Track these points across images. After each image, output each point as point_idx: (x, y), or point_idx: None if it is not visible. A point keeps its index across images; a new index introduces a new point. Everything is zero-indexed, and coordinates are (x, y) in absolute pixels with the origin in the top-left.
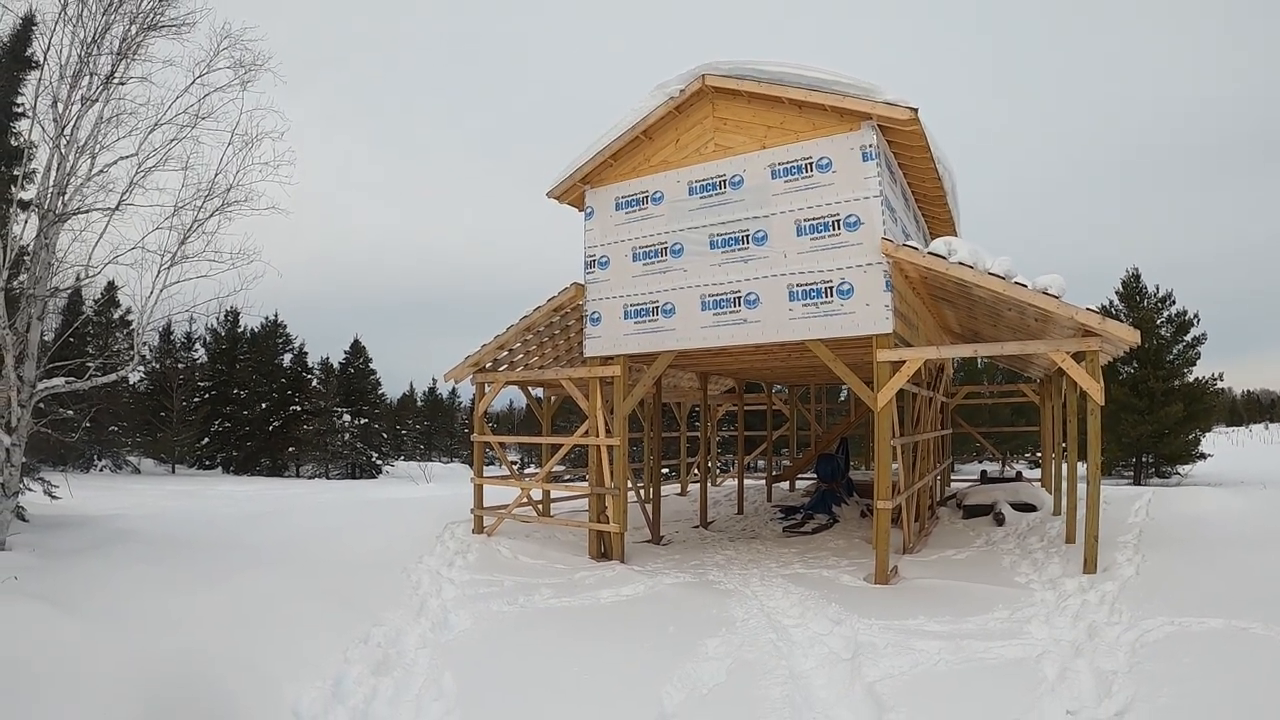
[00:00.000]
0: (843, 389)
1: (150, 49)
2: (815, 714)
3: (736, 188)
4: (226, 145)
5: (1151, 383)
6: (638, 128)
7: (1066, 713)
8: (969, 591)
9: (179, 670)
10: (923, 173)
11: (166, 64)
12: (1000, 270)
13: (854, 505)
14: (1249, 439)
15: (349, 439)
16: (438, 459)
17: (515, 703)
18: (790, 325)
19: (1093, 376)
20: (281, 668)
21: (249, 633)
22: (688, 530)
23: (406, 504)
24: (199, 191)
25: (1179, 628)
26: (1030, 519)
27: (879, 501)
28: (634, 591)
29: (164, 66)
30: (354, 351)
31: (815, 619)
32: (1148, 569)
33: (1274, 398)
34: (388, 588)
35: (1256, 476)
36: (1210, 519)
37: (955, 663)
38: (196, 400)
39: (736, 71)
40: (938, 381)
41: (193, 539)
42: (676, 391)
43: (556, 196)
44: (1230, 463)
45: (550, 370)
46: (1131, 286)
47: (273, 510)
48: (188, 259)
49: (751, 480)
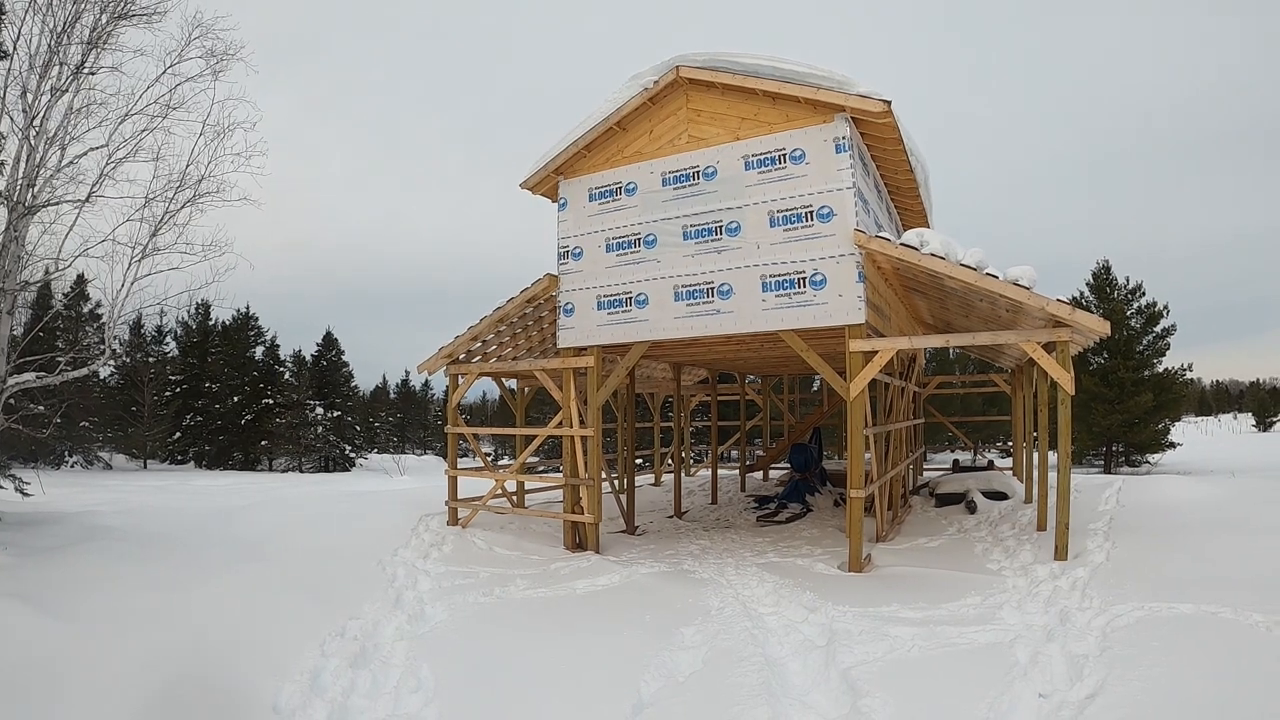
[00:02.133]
0: (815, 379)
1: (121, 38)
2: (791, 700)
3: (710, 179)
4: (198, 136)
5: (1121, 373)
6: (611, 119)
7: (1039, 696)
8: (942, 578)
9: (159, 669)
10: (895, 165)
11: (137, 54)
12: (972, 261)
13: (827, 494)
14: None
15: (322, 432)
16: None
17: (493, 693)
18: (763, 316)
19: (1063, 367)
20: (260, 663)
21: (227, 629)
22: (662, 520)
23: (381, 497)
24: (170, 183)
25: (1149, 612)
26: (1002, 507)
27: (852, 490)
28: (610, 582)
29: (135, 56)
30: (326, 343)
31: (790, 607)
32: (1118, 555)
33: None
34: (363, 581)
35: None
36: (1180, 507)
37: (929, 648)
38: (167, 395)
39: (710, 63)
40: (910, 371)
41: (168, 535)
42: (650, 382)
43: (530, 187)
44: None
45: (524, 361)
46: (1102, 278)
47: (247, 505)
48: (159, 251)
49: (725, 470)
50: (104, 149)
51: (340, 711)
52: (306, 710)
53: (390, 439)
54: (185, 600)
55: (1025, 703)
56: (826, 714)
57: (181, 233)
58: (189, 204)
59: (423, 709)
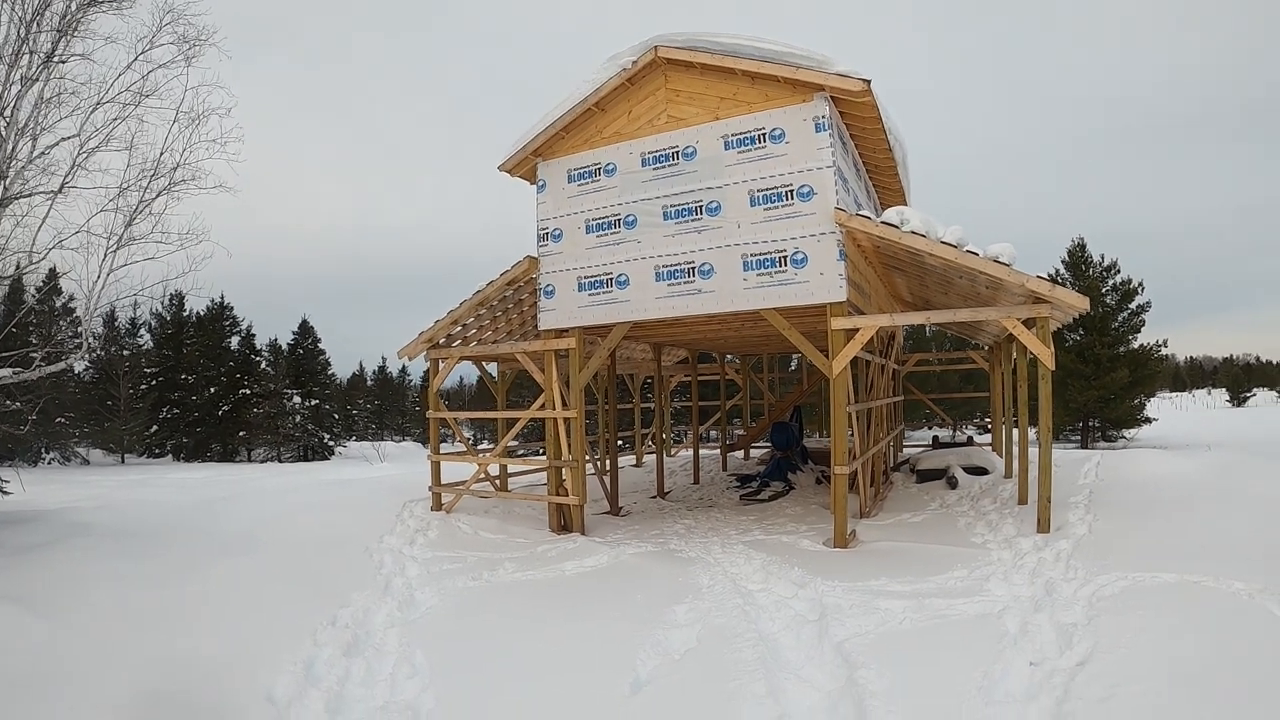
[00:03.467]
0: (794, 358)
1: (91, 25)
2: (787, 674)
3: (690, 159)
4: (171, 123)
5: (1098, 349)
6: (590, 100)
7: (1030, 664)
8: (927, 552)
9: (151, 666)
10: (874, 144)
11: (108, 41)
12: (952, 239)
13: (809, 472)
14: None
15: (300, 421)
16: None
17: (490, 677)
18: (745, 295)
19: (1043, 342)
20: (253, 655)
21: (217, 622)
22: (646, 501)
23: (363, 484)
24: (144, 171)
25: (1133, 582)
26: (983, 482)
27: (836, 467)
28: (598, 563)
29: (106, 43)
30: (302, 332)
31: (779, 583)
32: (1100, 528)
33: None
34: (351, 569)
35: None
36: (1157, 480)
37: (920, 620)
38: (144, 387)
39: (689, 43)
40: (889, 349)
41: (151, 529)
42: (630, 363)
43: (508, 170)
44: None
45: (505, 344)
46: (1077, 255)
47: (228, 496)
48: (134, 241)
49: (706, 450)
50: (76, 138)
51: (336, 700)
52: (303, 700)
53: (369, 426)
54: (173, 595)
55: (1017, 671)
56: (823, 687)
57: (157, 222)
58: (164, 192)
59: (420, 695)
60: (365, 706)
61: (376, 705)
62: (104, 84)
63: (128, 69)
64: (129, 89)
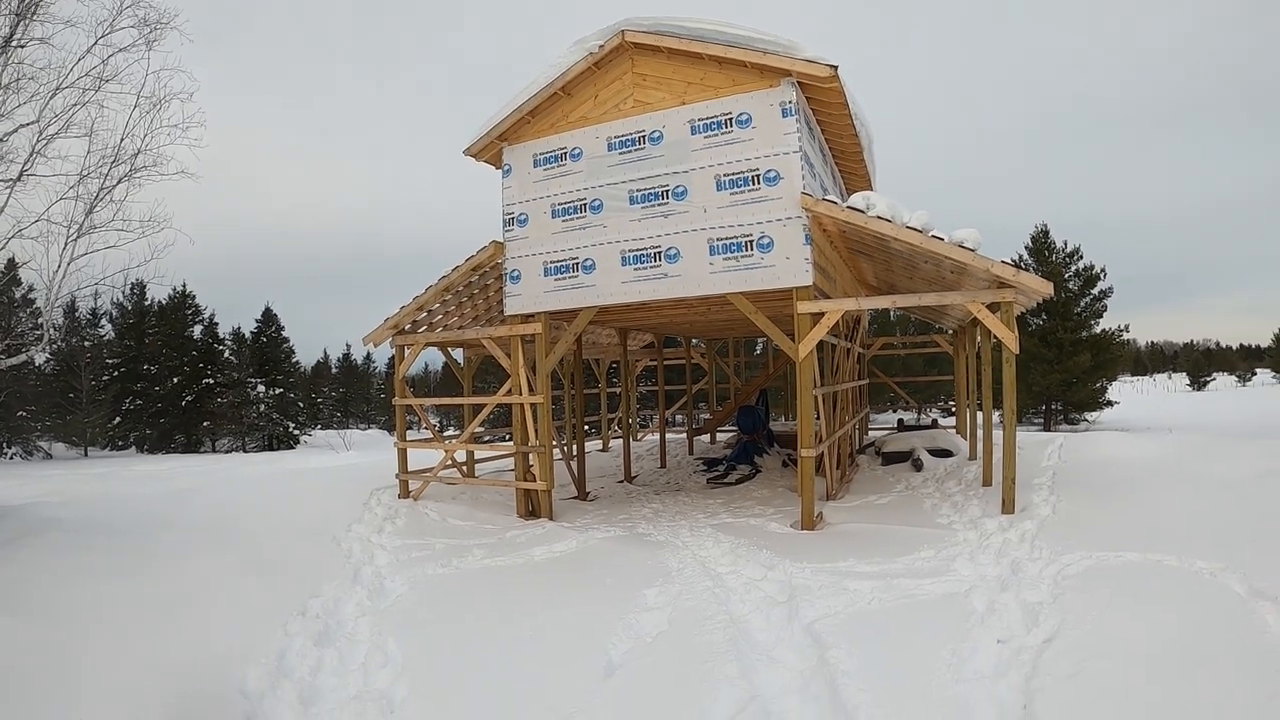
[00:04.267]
0: (759, 342)
1: (51, 9)
2: (759, 655)
3: (656, 143)
4: (132, 108)
5: (1060, 334)
6: (556, 84)
7: (998, 642)
8: (894, 534)
9: (123, 660)
10: (841, 129)
11: (68, 25)
12: (918, 224)
13: (775, 455)
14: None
15: (264, 410)
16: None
17: (463, 663)
18: (711, 279)
19: (1008, 326)
20: (224, 647)
21: (187, 615)
22: (613, 485)
23: (329, 473)
24: (105, 158)
25: (1097, 561)
26: (947, 464)
27: (803, 450)
28: (567, 548)
29: (65, 27)
30: (266, 320)
31: (748, 565)
32: (1063, 508)
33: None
34: (320, 558)
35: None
36: (1119, 461)
37: (888, 600)
38: (105, 379)
39: (657, 27)
40: (855, 333)
41: (118, 523)
42: (596, 348)
43: (474, 155)
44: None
45: (471, 330)
46: (1041, 241)
47: (194, 488)
48: (96, 229)
49: (673, 434)
50: (35, 125)
51: (310, 691)
52: (276, 692)
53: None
54: (143, 590)
55: (985, 649)
56: (795, 667)
57: (118, 209)
58: (125, 179)
59: (393, 683)
60: (338, 696)
61: (350, 695)
62: (64, 69)
63: (88, 53)
64: (89, 74)
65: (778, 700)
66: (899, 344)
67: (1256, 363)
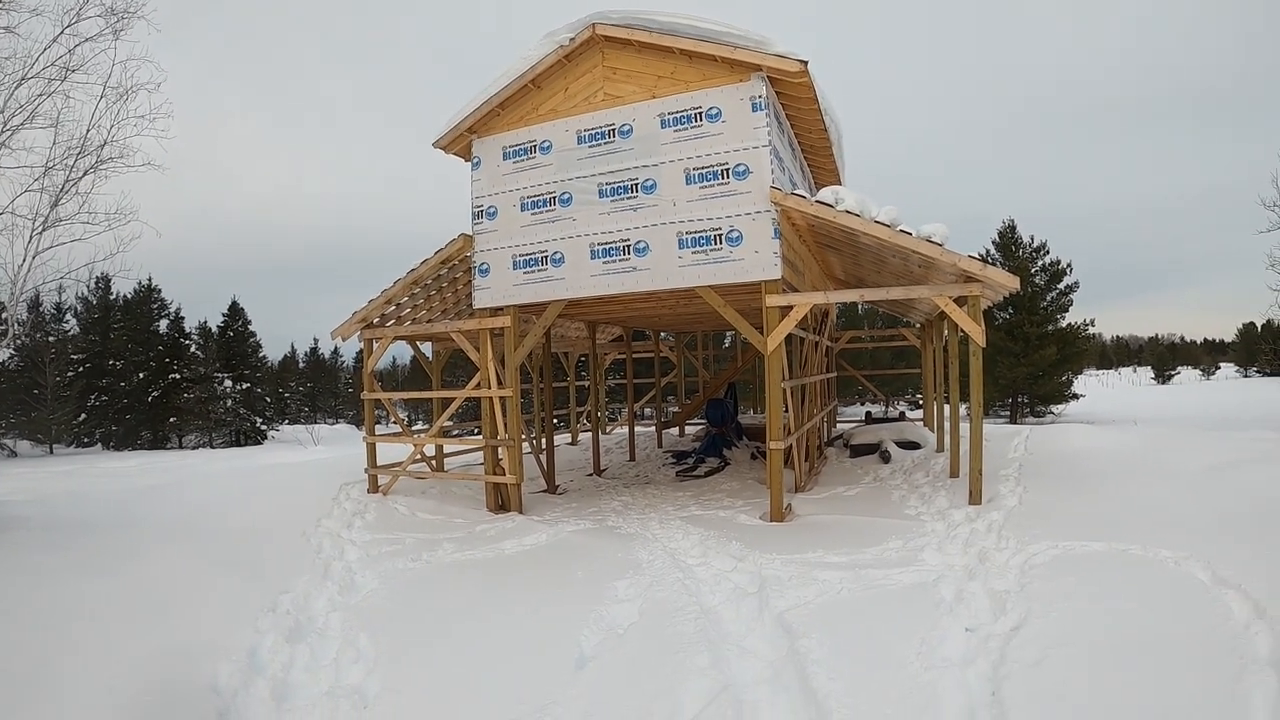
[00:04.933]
0: (728, 335)
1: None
2: (730, 646)
3: (626, 137)
4: (99, 99)
5: (1027, 328)
6: (526, 76)
7: (966, 630)
8: (863, 525)
9: (94, 659)
10: (810, 124)
11: (34, 14)
12: (886, 219)
13: (744, 448)
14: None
15: (232, 405)
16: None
17: (435, 658)
18: (680, 272)
19: (975, 320)
20: (196, 645)
21: (157, 613)
22: (582, 479)
23: (298, 468)
24: (70, 150)
25: (1064, 551)
26: (915, 456)
27: (772, 442)
28: (537, 541)
29: (31, 16)
30: (232, 313)
31: (718, 557)
32: (1030, 499)
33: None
34: (289, 554)
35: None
36: (1085, 453)
37: (858, 590)
38: (70, 375)
39: (628, 21)
40: (823, 326)
41: (85, 521)
42: (565, 341)
43: (443, 147)
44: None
45: (439, 324)
46: (1008, 236)
47: (161, 484)
48: (61, 222)
49: (642, 427)
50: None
51: (282, 688)
52: (248, 689)
53: (302, 409)
54: (112, 588)
55: (954, 637)
56: (765, 657)
57: (84, 201)
58: (91, 171)
59: (365, 679)
60: (311, 693)
61: (322, 691)
62: (29, 59)
63: (54, 43)
64: (55, 64)
65: (749, 690)
66: (867, 337)
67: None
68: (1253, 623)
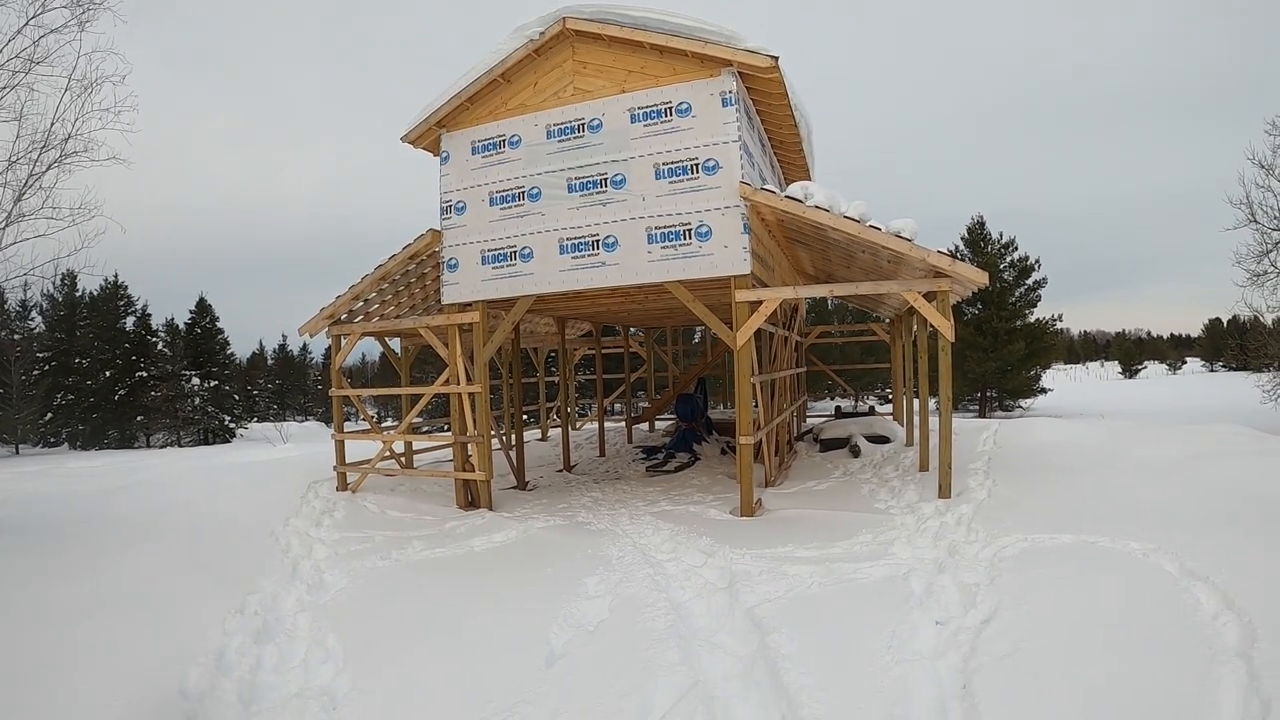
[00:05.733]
0: (698, 330)
1: None
2: (700, 641)
3: (595, 131)
4: (64, 91)
5: (995, 323)
6: (495, 70)
7: (936, 623)
8: (833, 519)
9: (61, 663)
10: (780, 120)
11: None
12: (855, 214)
13: (714, 443)
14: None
15: (199, 403)
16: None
17: (404, 656)
18: (650, 268)
19: (944, 315)
20: (161, 647)
21: (124, 615)
22: (552, 475)
23: (266, 466)
24: (34, 143)
25: (1032, 544)
26: (885, 450)
27: (741, 437)
28: (506, 538)
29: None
30: (200, 310)
31: (688, 552)
32: (999, 492)
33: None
34: (257, 553)
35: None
36: (1054, 447)
37: (828, 584)
38: (36, 373)
39: (598, 15)
40: (792, 321)
41: (52, 522)
42: (534, 337)
43: (411, 141)
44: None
45: (408, 319)
46: (976, 232)
47: (128, 484)
48: (24, 217)
49: (611, 423)
50: None
51: (250, 690)
52: (215, 692)
53: (270, 407)
54: (78, 591)
55: (924, 630)
56: (735, 652)
57: (48, 196)
58: (55, 165)
59: (335, 679)
60: (279, 694)
61: (291, 692)
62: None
63: (18, 34)
64: (18, 55)
65: (720, 685)
66: (837, 332)
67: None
68: (1221, 613)
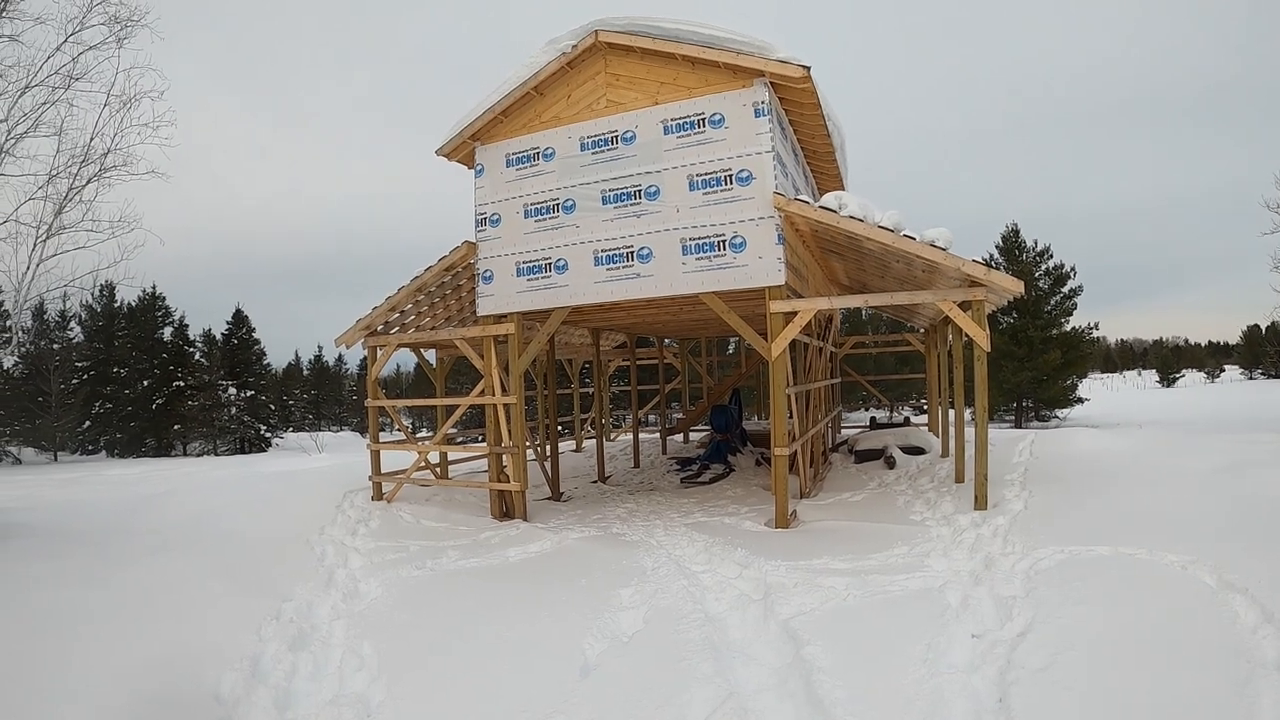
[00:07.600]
0: (732, 341)
1: (20, 5)
2: (735, 653)
3: (629, 143)
4: (102, 107)
5: (1031, 332)
6: (529, 84)
7: (972, 636)
8: (868, 531)
9: (94, 667)
10: (813, 129)
11: (37, 22)
12: (889, 223)
13: (748, 454)
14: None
15: (235, 413)
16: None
17: (438, 665)
18: (684, 279)
19: (979, 325)
20: (198, 653)
21: (159, 621)
22: (587, 486)
23: (301, 475)
24: (74, 158)
25: (1069, 555)
26: (920, 461)
27: (776, 449)
28: (541, 548)
29: (35, 24)
30: (236, 321)
31: (723, 564)
32: (1035, 504)
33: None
34: (293, 561)
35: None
36: (1091, 457)
37: (863, 596)
38: (75, 382)
39: (630, 28)
40: (827, 332)
41: (87, 529)
42: (568, 348)
43: (446, 154)
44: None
45: (444, 331)
46: (1011, 240)
47: (165, 492)
48: (65, 230)
49: (646, 434)
50: (3, 123)
51: (284, 696)
52: (250, 698)
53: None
54: (114, 596)
55: (960, 643)
56: (770, 664)
57: (88, 209)
58: (94, 179)
59: (369, 687)
60: (314, 701)
61: (326, 699)
62: (33, 67)
63: (57, 51)
64: (58, 72)
65: (754, 698)
66: (871, 343)
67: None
68: (1260, 626)
